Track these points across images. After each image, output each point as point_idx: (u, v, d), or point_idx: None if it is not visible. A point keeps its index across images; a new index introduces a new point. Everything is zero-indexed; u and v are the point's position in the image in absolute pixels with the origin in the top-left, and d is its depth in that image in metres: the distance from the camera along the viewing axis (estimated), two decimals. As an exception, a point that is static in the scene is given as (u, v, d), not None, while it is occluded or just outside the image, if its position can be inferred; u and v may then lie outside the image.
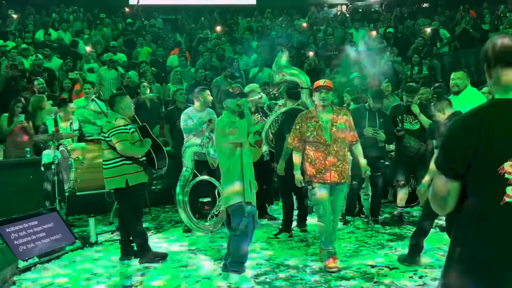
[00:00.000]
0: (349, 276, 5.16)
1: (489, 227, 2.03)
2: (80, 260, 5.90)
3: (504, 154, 1.99)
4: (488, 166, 2.00)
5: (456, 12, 16.53)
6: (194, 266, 5.59)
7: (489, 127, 2.00)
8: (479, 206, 2.05)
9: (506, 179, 1.98)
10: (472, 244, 2.06)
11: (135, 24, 16.14)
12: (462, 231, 2.13)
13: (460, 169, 2.05)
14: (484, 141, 1.99)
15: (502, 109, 2.06)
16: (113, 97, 5.91)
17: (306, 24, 16.57)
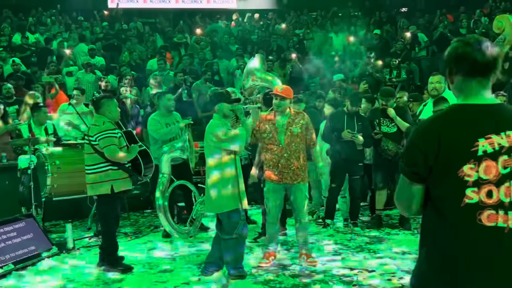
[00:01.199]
0: (328, 279, 5.17)
1: (450, 228, 2.09)
2: (57, 266, 5.80)
3: (463, 158, 2.06)
4: (449, 169, 2.07)
5: (434, 17, 16.76)
6: (173, 271, 5.54)
7: (448, 132, 2.08)
8: (441, 208, 2.12)
9: (465, 182, 2.06)
10: (436, 245, 2.13)
11: (114, 27, 16.02)
12: (427, 232, 2.19)
13: (423, 173, 2.12)
14: (444, 145, 2.06)
15: (462, 114, 2.13)
16: (99, 99, 5.70)
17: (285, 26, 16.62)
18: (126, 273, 5.48)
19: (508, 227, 2.06)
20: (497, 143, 2.07)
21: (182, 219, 7.24)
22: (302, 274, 5.34)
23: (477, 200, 2.06)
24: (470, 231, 2.06)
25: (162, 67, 11.62)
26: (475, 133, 2.08)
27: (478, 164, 2.06)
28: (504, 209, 2.06)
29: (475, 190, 2.06)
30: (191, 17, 18.25)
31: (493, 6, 16.84)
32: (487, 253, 2.05)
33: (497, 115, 2.13)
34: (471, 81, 2.15)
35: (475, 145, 2.06)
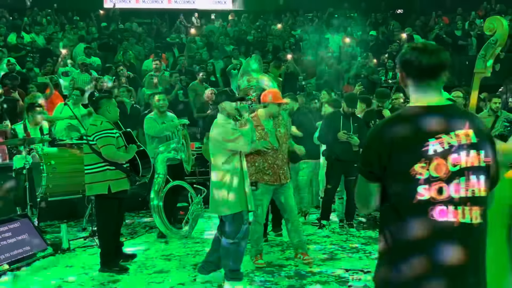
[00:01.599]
0: (323, 280, 5.18)
1: (405, 223, 2.20)
2: (51, 267, 5.79)
3: (414, 157, 2.16)
4: (401, 168, 2.18)
5: (430, 18, 16.82)
6: (169, 272, 5.53)
7: (400, 133, 2.20)
8: (395, 204, 2.23)
9: (417, 179, 2.16)
10: (392, 239, 2.25)
11: (110, 27, 16.00)
12: (384, 227, 2.30)
13: (377, 172, 2.24)
14: (396, 146, 2.18)
15: (413, 116, 2.24)
16: (98, 99, 5.70)
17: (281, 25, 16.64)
18: (121, 274, 5.45)
19: (457, 222, 2.17)
20: (447, 142, 2.18)
21: (178, 219, 7.23)
22: (298, 275, 5.35)
23: (429, 196, 2.16)
24: (423, 226, 2.17)
25: (158, 68, 11.60)
26: (426, 133, 2.19)
27: (429, 162, 2.16)
28: (454, 204, 2.17)
29: (426, 187, 2.16)
30: (186, 18, 18.26)
31: (488, 8, 16.94)
32: (440, 247, 2.17)
33: (447, 116, 2.24)
34: (421, 84, 2.28)
35: (426, 144, 2.17)
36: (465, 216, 2.19)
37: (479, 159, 2.23)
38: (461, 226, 2.18)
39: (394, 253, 2.24)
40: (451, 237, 2.18)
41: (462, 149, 2.20)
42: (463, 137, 2.21)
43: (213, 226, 7.48)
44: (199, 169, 8.76)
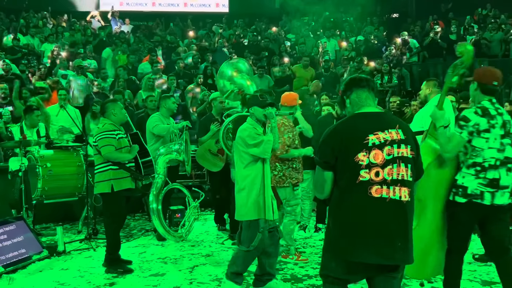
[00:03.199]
0: (319, 283, 5.18)
1: (350, 199, 2.95)
2: (47, 270, 5.77)
3: (358, 148, 2.93)
4: (348, 156, 2.94)
5: (426, 23, 16.89)
6: (165, 275, 5.53)
7: (348, 131, 3.01)
8: (343, 185, 2.98)
9: (359, 165, 2.92)
10: (340, 214, 3.00)
11: (106, 30, 15.98)
12: (333, 206, 3.05)
13: (331, 161, 2.99)
14: (344, 140, 2.96)
15: (358, 118, 3.08)
16: (104, 103, 5.92)
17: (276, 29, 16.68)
18: (125, 275, 5.51)
19: (389, 198, 2.92)
20: (382, 137, 2.96)
21: (174, 222, 7.22)
22: (294, 278, 5.35)
23: (368, 178, 2.92)
24: (364, 201, 2.92)
25: (157, 71, 11.59)
26: (367, 130, 2.96)
27: (369, 152, 2.93)
28: (387, 184, 2.93)
29: (367, 171, 2.92)
30: (183, 21, 18.27)
31: (483, 13, 17.03)
32: (375, 217, 2.91)
33: (382, 119, 3.07)
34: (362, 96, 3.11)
35: (367, 139, 2.94)
36: (395, 194, 2.93)
37: (407, 151, 2.99)
38: (392, 201, 2.92)
39: (341, 221, 2.98)
40: (384, 210, 2.91)
41: (394, 143, 2.96)
42: (395, 134, 2.98)
43: (209, 229, 7.50)
44: (195, 172, 8.76)
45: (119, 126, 5.79)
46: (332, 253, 3.05)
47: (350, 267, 2.99)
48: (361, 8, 18.74)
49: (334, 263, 3.06)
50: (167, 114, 7.22)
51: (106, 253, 5.71)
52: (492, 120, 3.90)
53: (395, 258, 2.93)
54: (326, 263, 3.13)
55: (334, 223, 3.02)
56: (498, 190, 3.89)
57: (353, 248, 2.91)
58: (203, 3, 20.11)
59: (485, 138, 3.88)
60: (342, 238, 2.96)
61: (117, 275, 5.53)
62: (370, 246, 2.89)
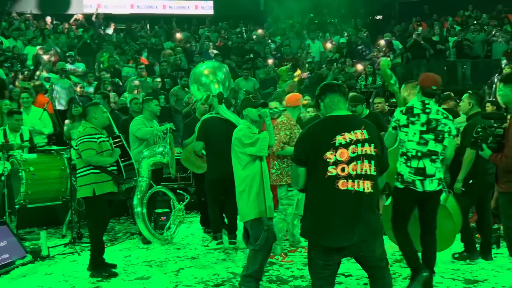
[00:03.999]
0: (305, 284, 5.20)
1: (320, 192, 3.41)
2: (31, 274, 5.72)
3: (326, 147, 3.36)
4: (318, 155, 3.37)
5: (409, 24, 17.02)
6: (150, 278, 5.51)
7: (318, 132, 3.45)
8: (314, 180, 3.43)
9: (327, 162, 3.35)
10: (313, 205, 3.46)
11: (89, 32, 15.90)
12: (307, 198, 3.52)
13: (304, 159, 3.45)
14: (315, 140, 3.41)
15: (327, 121, 3.53)
16: (86, 107, 5.90)
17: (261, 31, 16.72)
18: (109, 279, 5.48)
19: (354, 190, 3.36)
20: (348, 137, 3.37)
21: (159, 225, 7.20)
22: (280, 279, 5.36)
23: (335, 173, 3.35)
24: (332, 193, 3.36)
25: (141, 73, 11.54)
26: (335, 132, 3.39)
27: (335, 151, 3.35)
28: (352, 178, 3.36)
29: (334, 167, 3.35)
30: (167, 23, 18.23)
31: (465, 14, 17.22)
32: (341, 206, 3.36)
33: (349, 121, 3.51)
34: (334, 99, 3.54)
35: (334, 139, 3.36)
36: (359, 187, 3.37)
37: (371, 149, 3.41)
38: (356, 193, 3.36)
39: (313, 211, 3.44)
40: (349, 200, 3.36)
41: (359, 142, 3.38)
42: (359, 135, 3.40)
43: (195, 232, 7.49)
44: (181, 175, 8.74)
45: (101, 130, 5.75)
46: (308, 240, 3.54)
47: (326, 253, 3.43)
48: (345, 10, 18.85)
49: (313, 251, 3.49)
50: (151, 117, 7.21)
51: (90, 257, 5.67)
52: (412, 117, 4.64)
53: (353, 239, 3.38)
54: (309, 254, 3.57)
55: (309, 213, 3.48)
56: (426, 178, 4.62)
57: (324, 234, 3.38)
58: (183, 5, 20.13)
59: (404, 132, 4.66)
60: (314, 225, 3.42)
61: (102, 279, 5.49)
62: (336, 232, 3.36)
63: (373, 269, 3.60)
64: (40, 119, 8.60)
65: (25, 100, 8.72)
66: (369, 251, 3.50)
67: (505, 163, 4.24)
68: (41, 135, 8.51)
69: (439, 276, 5.30)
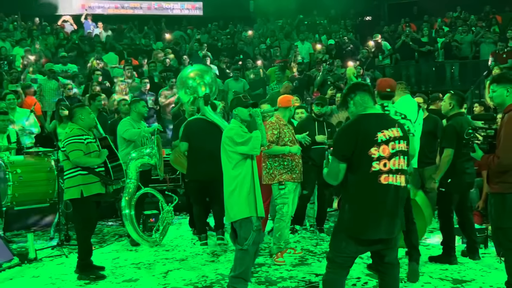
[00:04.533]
0: (294, 285, 5.20)
1: (364, 187, 3.59)
2: (18, 277, 5.66)
3: (371, 144, 3.56)
4: (363, 151, 3.57)
5: (398, 25, 17.11)
6: (138, 281, 5.48)
7: (362, 129, 3.61)
8: (358, 175, 3.60)
9: (372, 158, 3.55)
10: (356, 199, 3.63)
11: (78, 33, 15.83)
12: (348, 193, 3.68)
13: (348, 155, 3.59)
14: (361, 137, 3.58)
15: (368, 118, 3.69)
16: (72, 108, 5.87)
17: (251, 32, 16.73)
18: (97, 281, 5.45)
19: (393, 184, 3.60)
20: (387, 134, 3.60)
21: (148, 227, 7.17)
22: (268, 281, 5.36)
23: (378, 168, 3.56)
24: (375, 187, 3.58)
25: (130, 74, 11.49)
26: (376, 129, 3.59)
27: (378, 147, 3.56)
28: (392, 173, 3.60)
29: (377, 162, 3.56)
30: (157, 24, 18.18)
31: (454, 16, 17.33)
32: (383, 200, 3.58)
33: (385, 119, 3.78)
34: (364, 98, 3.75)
35: (376, 136, 3.57)
36: (397, 181, 3.62)
37: (404, 146, 3.68)
38: (395, 187, 3.61)
39: (354, 205, 3.62)
40: (390, 194, 3.60)
41: (396, 139, 3.62)
42: (395, 132, 3.64)
43: (184, 233, 7.47)
44: (170, 176, 8.71)
45: (88, 131, 5.73)
46: (345, 232, 3.65)
47: (359, 244, 3.66)
48: (334, 11, 18.91)
49: (345, 242, 3.66)
50: (138, 118, 7.20)
51: (78, 260, 5.64)
52: None
53: (394, 232, 3.68)
54: (337, 244, 3.74)
55: (350, 207, 3.64)
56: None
57: (366, 227, 3.59)
58: (172, 6, 20.12)
59: None
60: (355, 219, 3.60)
61: (90, 281, 5.46)
62: (378, 225, 3.58)
63: (388, 265, 3.81)
64: (27, 120, 8.53)
65: (11, 101, 8.63)
66: (395, 245, 3.80)
67: (497, 164, 4.25)
68: (31, 134, 8.42)
69: (428, 276, 5.33)
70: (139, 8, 19.85)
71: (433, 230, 7.12)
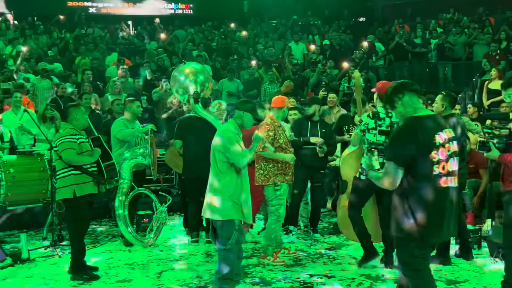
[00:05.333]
0: (288, 285, 5.20)
1: (424, 190, 3.49)
2: (10, 278, 5.62)
3: (431, 147, 3.48)
4: (425, 155, 3.48)
5: (392, 26, 17.15)
6: (132, 281, 5.46)
7: (421, 132, 3.49)
8: (418, 179, 3.50)
9: (433, 161, 3.48)
10: (419, 205, 3.49)
11: (74, 32, 15.76)
12: (411, 199, 3.52)
13: (408, 160, 3.47)
14: (421, 141, 3.46)
15: (423, 122, 3.57)
16: (66, 108, 5.83)
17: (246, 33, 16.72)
18: (91, 282, 5.43)
19: (451, 187, 3.57)
20: (443, 137, 3.53)
21: (142, 227, 7.14)
22: (263, 281, 5.36)
23: (438, 172, 3.50)
24: (436, 191, 3.51)
25: (124, 74, 11.44)
26: (433, 131, 3.51)
27: (437, 150, 3.49)
28: (449, 175, 3.57)
29: (437, 166, 3.50)
30: (150, 23, 18.14)
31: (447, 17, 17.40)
32: (445, 203, 3.55)
33: (438, 120, 3.70)
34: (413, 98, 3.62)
35: (434, 138, 3.50)
36: (452, 182, 3.58)
37: (456, 147, 3.63)
38: (452, 189, 3.59)
39: (418, 210, 3.48)
40: (449, 196, 3.57)
41: (449, 140, 3.57)
42: (449, 133, 3.59)
43: (178, 233, 7.44)
44: (164, 176, 8.68)
45: (81, 131, 5.71)
46: (417, 241, 3.53)
47: (425, 247, 3.61)
48: (328, 12, 18.93)
49: (417, 249, 3.56)
50: (132, 118, 7.16)
51: (71, 260, 5.61)
52: (379, 121, 5.36)
53: (454, 234, 3.79)
54: (408, 253, 3.58)
55: (414, 214, 3.50)
56: None
57: (433, 231, 3.53)
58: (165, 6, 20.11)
59: (373, 134, 5.38)
60: (426, 224, 3.48)
61: (83, 282, 5.43)
62: (442, 228, 3.55)
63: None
64: (21, 119, 8.46)
65: (18, 100, 8.53)
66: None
67: None
68: (29, 134, 8.34)
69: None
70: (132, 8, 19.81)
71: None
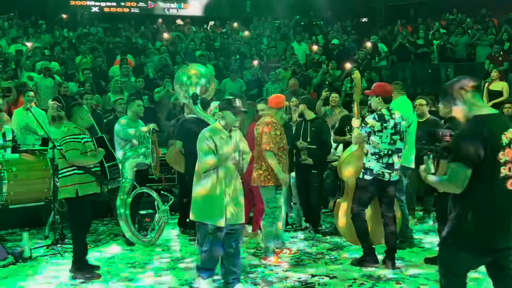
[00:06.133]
0: (290, 286, 5.20)
1: (491, 192, 3.31)
2: (13, 276, 5.63)
3: (498, 148, 3.28)
4: (493, 155, 3.27)
5: (394, 27, 17.14)
6: (133, 280, 5.47)
7: (488, 132, 3.27)
8: (485, 181, 3.29)
9: (500, 163, 3.29)
10: (480, 207, 3.31)
11: (76, 31, 15.78)
12: (473, 200, 3.33)
13: (477, 162, 3.25)
14: (489, 141, 3.25)
15: (489, 121, 3.34)
16: (70, 107, 5.84)
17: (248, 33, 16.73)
18: (92, 280, 5.43)
19: None
20: (508, 136, 3.33)
21: (143, 227, 7.15)
22: (264, 281, 5.36)
23: (505, 173, 3.31)
24: (503, 194, 3.32)
25: (126, 73, 11.46)
26: (499, 131, 3.32)
27: (504, 150, 3.30)
28: None
29: (504, 167, 3.30)
30: (153, 23, 18.14)
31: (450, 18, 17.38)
32: (510, 207, 3.34)
33: (503, 119, 3.51)
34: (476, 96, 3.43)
35: (500, 139, 3.30)
36: None
37: None
38: None
39: (481, 213, 3.30)
40: None
41: None
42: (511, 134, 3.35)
43: (179, 233, 7.45)
44: (166, 176, 8.69)
45: (84, 130, 5.73)
46: (468, 243, 3.35)
47: (480, 255, 3.39)
48: (331, 12, 18.91)
49: (464, 253, 3.38)
50: (134, 118, 7.17)
51: (73, 259, 5.61)
52: (385, 123, 5.51)
53: None
54: (450, 258, 3.46)
55: (472, 216, 3.33)
56: (393, 171, 5.60)
57: (494, 236, 3.34)
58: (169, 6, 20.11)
59: (379, 136, 5.51)
60: (483, 228, 3.31)
61: (85, 280, 5.44)
62: (504, 233, 3.36)
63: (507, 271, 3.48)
64: (25, 118, 8.46)
65: (31, 99, 8.46)
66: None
67: None
68: (35, 134, 8.34)
69: (423, 278, 5.34)
70: (135, 7, 19.82)
71: (428, 232, 7.14)
